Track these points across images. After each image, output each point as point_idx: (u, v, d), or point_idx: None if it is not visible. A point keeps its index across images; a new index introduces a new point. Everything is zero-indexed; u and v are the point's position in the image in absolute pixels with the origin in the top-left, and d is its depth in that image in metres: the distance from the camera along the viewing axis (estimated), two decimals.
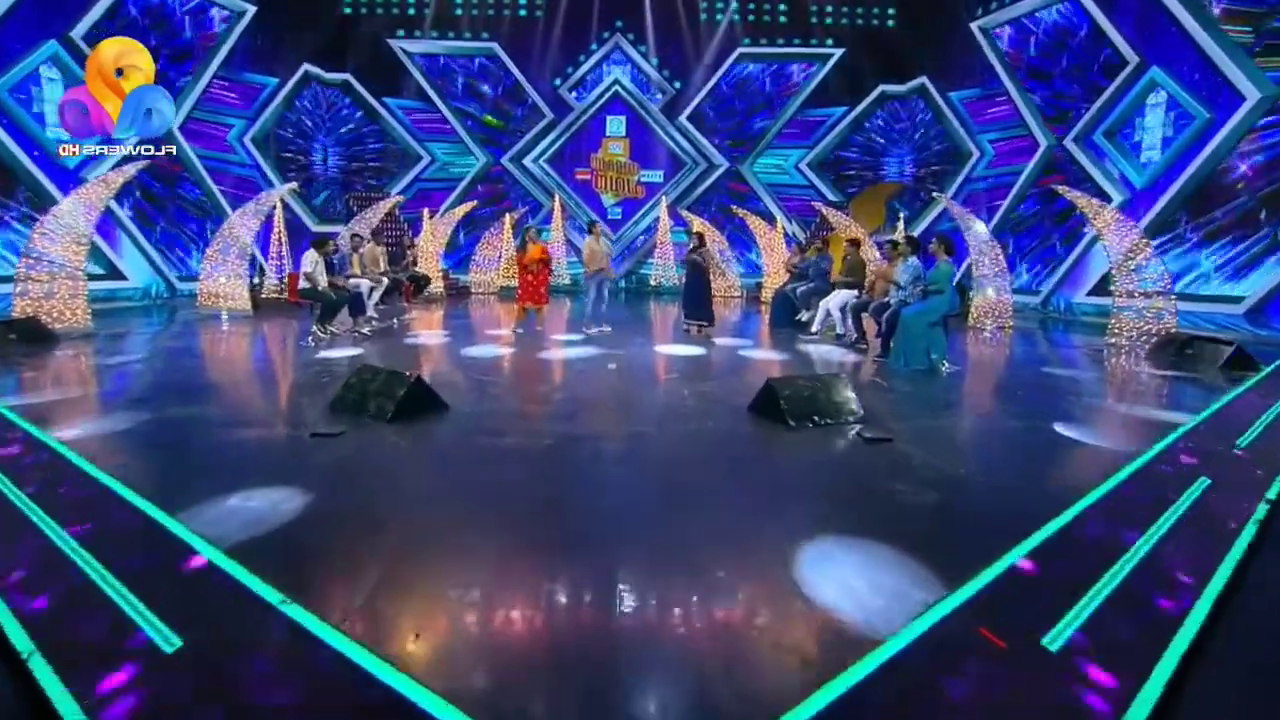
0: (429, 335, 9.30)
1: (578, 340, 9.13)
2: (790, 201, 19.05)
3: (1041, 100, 14.28)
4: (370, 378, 5.06)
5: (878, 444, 4.44)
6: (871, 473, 3.96)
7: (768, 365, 7.55)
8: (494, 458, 4.12)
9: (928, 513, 3.38)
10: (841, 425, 4.86)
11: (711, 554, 2.84)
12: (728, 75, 18.92)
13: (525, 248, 9.36)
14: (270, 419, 4.85)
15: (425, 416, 4.89)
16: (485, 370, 6.87)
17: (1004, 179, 14.89)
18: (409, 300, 11.19)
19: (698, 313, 9.95)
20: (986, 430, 4.96)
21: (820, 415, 4.92)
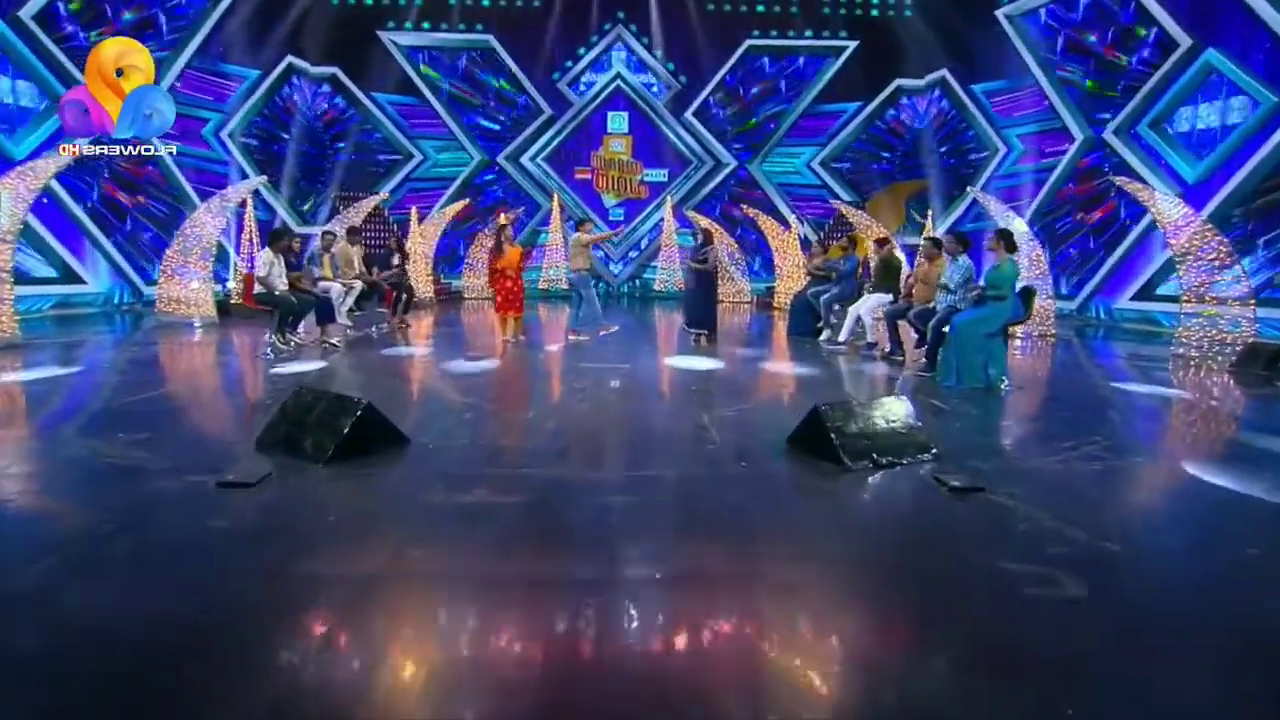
0: (408, 347, 8.21)
1: (575, 351, 8.04)
2: (802, 202, 17.99)
3: (1077, 90, 13.20)
4: (309, 405, 3.97)
5: (967, 495, 3.34)
6: (969, 541, 2.87)
7: (795, 382, 6.45)
8: (456, 519, 3.03)
9: (1074, 617, 2.27)
10: (912, 466, 3.76)
11: (758, 698, 1.74)
12: (736, 69, 17.88)
13: (501, 249, 8.29)
14: (175, 459, 3.77)
15: (377, 455, 3.80)
16: (465, 390, 5.77)
17: (1035, 175, 13.79)
18: (390, 307, 10.10)
19: (701, 320, 8.86)
20: (1102, 475, 3.86)
21: (884, 453, 3.82)
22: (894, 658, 2.03)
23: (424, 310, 13.44)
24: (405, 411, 4.90)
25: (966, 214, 15.69)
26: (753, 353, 8.40)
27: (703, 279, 8.85)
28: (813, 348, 8.88)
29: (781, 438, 4.20)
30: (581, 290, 8.82)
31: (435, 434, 4.31)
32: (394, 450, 3.92)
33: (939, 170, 16.48)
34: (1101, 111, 12.85)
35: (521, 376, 6.62)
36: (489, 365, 6.97)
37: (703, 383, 6.34)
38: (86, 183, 11.73)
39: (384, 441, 3.95)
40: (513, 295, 8.46)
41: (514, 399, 5.74)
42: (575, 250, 8.75)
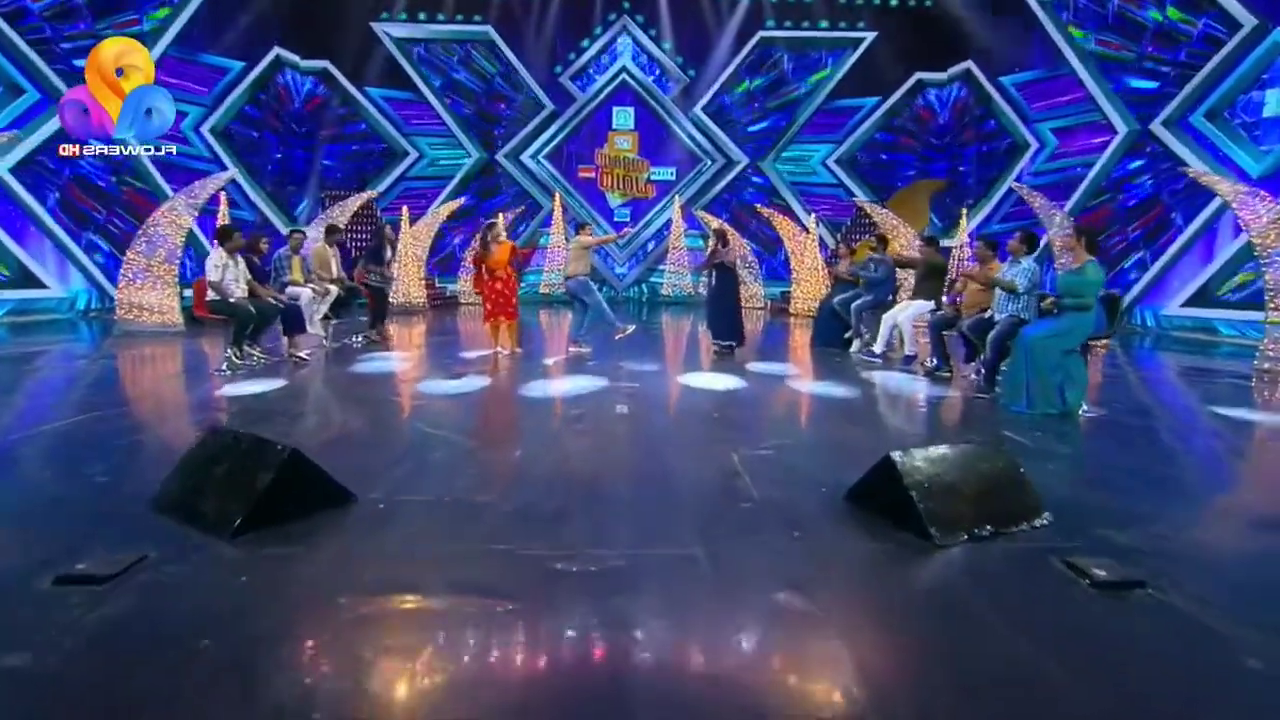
0: (386, 362, 7.23)
1: (576, 366, 7.05)
2: (816, 201, 17.00)
3: (1120, 80, 12.17)
4: (218, 452, 2.98)
5: (1123, 593, 2.35)
6: (1155, 682, 1.87)
7: (836, 407, 5.44)
8: (396, 648, 2.03)
9: None
10: (1024, 540, 2.77)
11: None
12: (748, 62, 16.90)
13: (489, 248, 7.32)
14: (20, 532, 2.79)
15: (306, 522, 2.82)
16: (440, 419, 4.78)
17: (1071, 172, 12.77)
18: (375, 313, 9.13)
19: (728, 330, 7.86)
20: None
21: (984, 519, 2.83)
22: None
23: (415, 316, 12.49)
24: (360, 450, 3.92)
25: (994, 213, 14.66)
26: (777, 368, 7.40)
27: (725, 283, 7.86)
28: (843, 361, 7.90)
29: (836, 489, 3.23)
30: (584, 297, 7.86)
31: (391, 485, 3.33)
32: (331, 514, 2.94)
33: (963, 168, 15.46)
34: (1148, 102, 11.81)
35: (511, 400, 5.63)
36: (474, 385, 5.98)
37: (724, 407, 5.34)
38: (49, 180, 10.80)
39: (318, 501, 2.97)
40: (503, 298, 7.49)
41: (499, 431, 4.75)
42: (574, 254, 7.79)
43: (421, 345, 8.97)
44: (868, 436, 4.46)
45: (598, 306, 7.81)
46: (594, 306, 7.83)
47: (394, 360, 7.30)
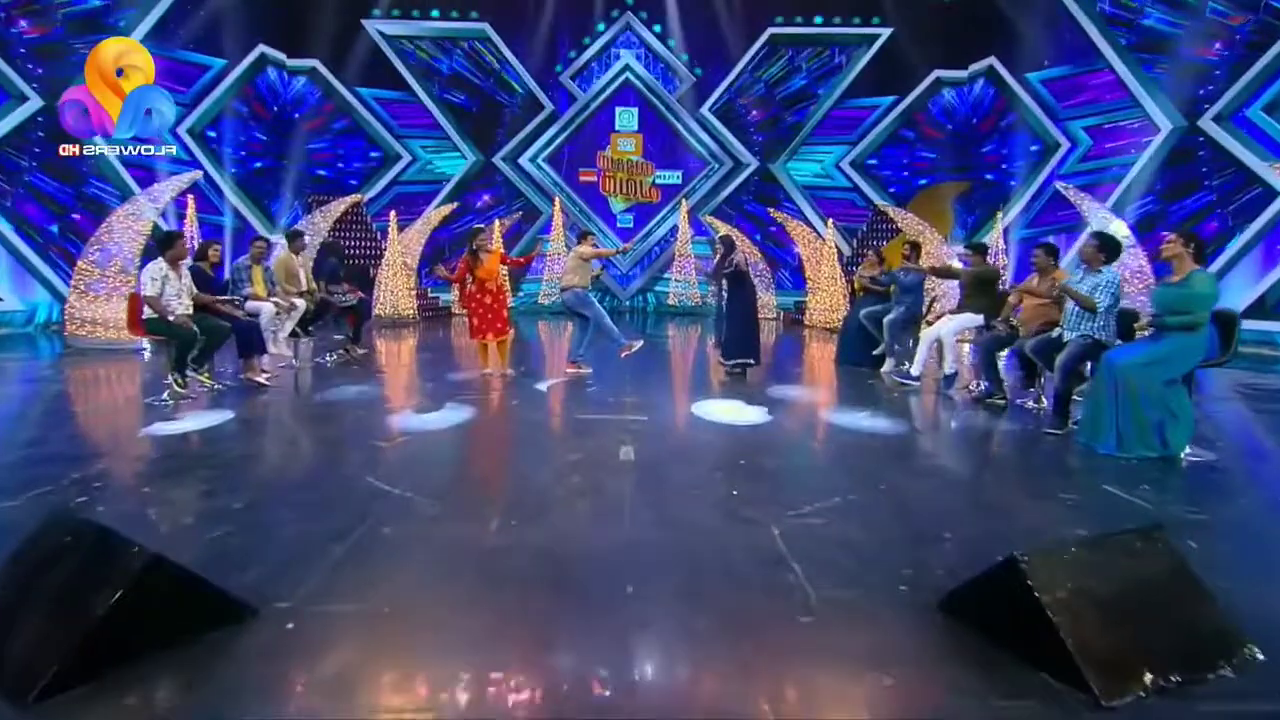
0: (357, 386, 6.33)
1: (574, 392, 6.15)
2: (830, 205, 16.14)
3: (1164, 72, 11.26)
4: (53, 555, 2.08)
5: None
6: None
7: (885, 447, 4.52)
8: None
9: None
10: (1233, 698, 1.85)
11: None
12: (757, 60, 16.08)
13: (477, 257, 6.45)
14: None
15: (179, 655, 1.92)
16: (399, 472, 3.86)
17: (1108, 173, 11.85)
18: (354, 328, 8.27)
19: (743, 347, 6.94)
20: None
21: (1165, 664, 1.91)
22: None
23: (404, 330, 11.61)
24: (287, 525, 3.01)
25: (1021, 218, 13.75)
26: (802, 393, 6.49)
27: (739, 295, 6.95)
28: (876, 383, 6.99)
29: (920, 587, 2.34)
30: (583, 311, 6.97)
31: (313, 586, 2.42)
32: (215, 639, 2.04)
33: (986, 170, 14.56)
34: (1196, 96, 10.88)
35: (493, 440, 4.73)
36: (453, 418, 5.08)
37: (751, 451, 4.43)
38: (4, 183, 9.96)
39: (195, 622, 2.06)
40: (493, 313, 6.62)
41: (472, 489, 3.82)
42: (573, 264, 6.93)
43: (403, 365, 8.07)
44: (937, 494, 3.55)
45: (599, 321, 6.92)
46: (594, 321, 6.94)
47: (367, 384, 6.40)
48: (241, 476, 3.62)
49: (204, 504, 3.18)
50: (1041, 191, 13.26)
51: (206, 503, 3.19)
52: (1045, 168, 13.27)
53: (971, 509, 3.30)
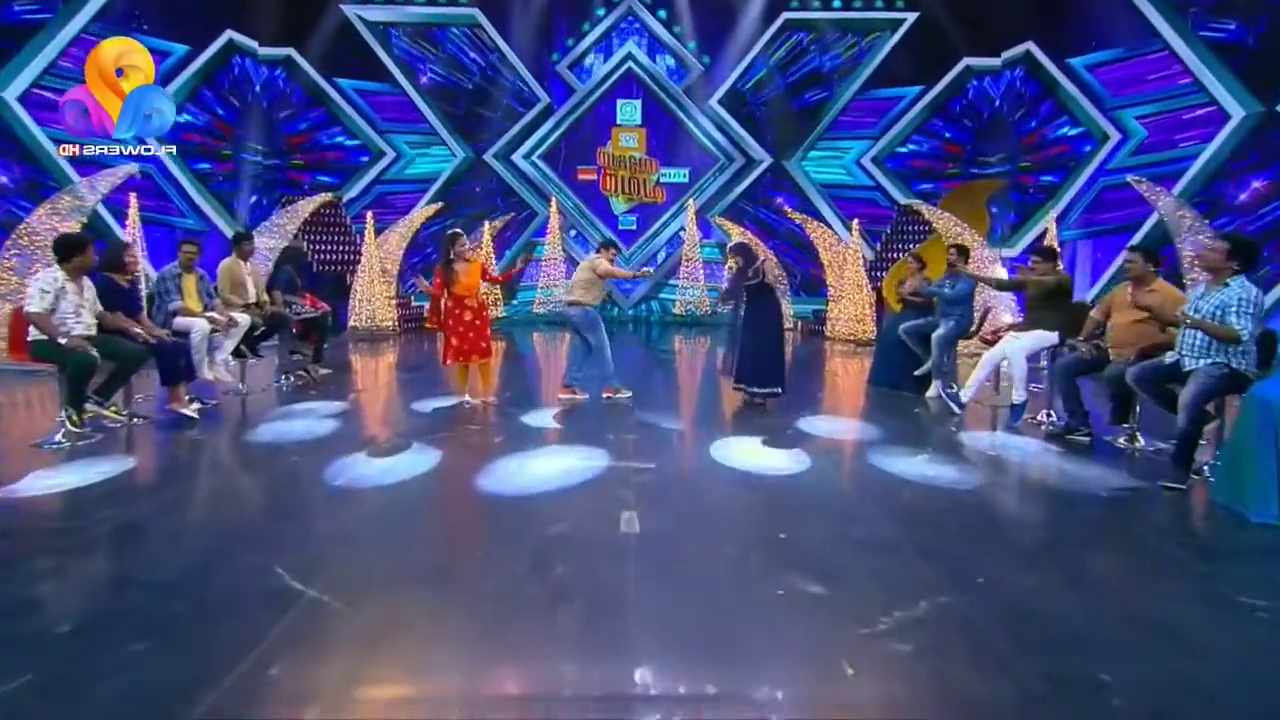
0: (307, 419, 5.45)
1: (568, 425, 5.27)
2: (849, 205, 15.27)
3: (1234, 54, 10.35)
4: None
5: None
6: None
7: (963, 510, 3.61)
8: None
9: None
10: None
11: None
12: (771, 47, 15.25)
13: (452, 268, 5.61)
14: None
15: None
16: (319, 561, 2.97)
17: (1167, 167, 10.93)
18: (315, 345, 7.41)
19: (768, 375, 6.02)
20: None
21: None
22: None
23: (382, 344, 10.74)
24: (125, 664, 2.11)
25: (1063, 219, 12.84)
26: (841, 426, 5.59)
27: (763, 312, 6.05)
28: (922, 411, 6.11)
29: None
30: (588, 334, 6.14)
31: None
32: None
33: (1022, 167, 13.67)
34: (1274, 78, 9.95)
35: (457, 504, 3.84)
36: (415, 466, 4.19)
37: (792, 515, 3.53)
38: None
39: None
40: (475, 333, 5.78)
41: (415, 591, 2.90)
42: (584, 279, 6.12)
43: (371, 389, 7.19)
44: (1061, 594, 2.64)
45: (600, 351, 6.10)
46: (596, 349, 6.12)
47: (320, 415, 5.51)
48: (94, 569, 2.74)
49: (11, 625, 2.28)
50: (1087, 189, 12.36)
51: (16, 623, 2.30)
52: (1092, 162, 12.35)
53: (1122, 624, 2.40)
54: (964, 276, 6.74)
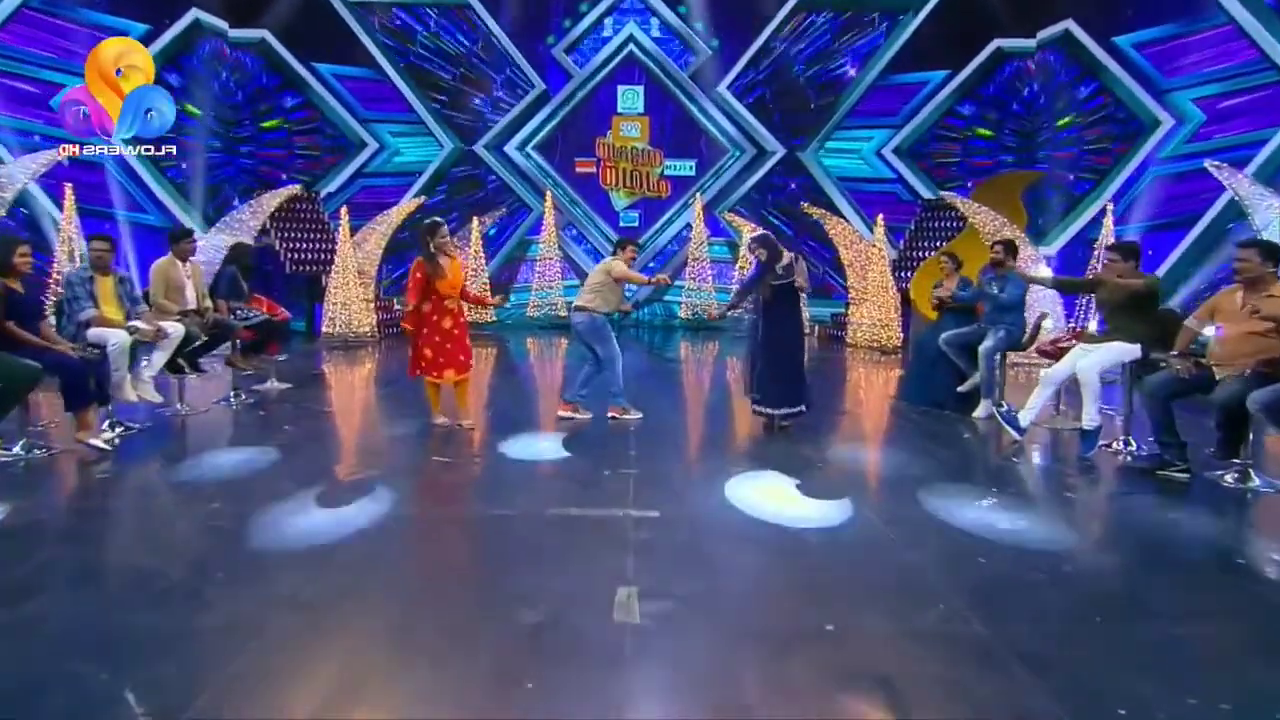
0: (249, 449, 4.74)
1: (560, 460, 4.55)
2: (868, 200, 14.59)
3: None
4: None
5: None
6: None
7: (1055, 580, 2.86)
8: None
9: None
10: None
11: None
12: (784, 29, 14.56)
13: (436, 262, 4.94)
14: None
15: None
16: (211, 652, 2.25)
17: (1230, 154, 10.13)
18: (274, 354, 6.75)
19: (792, 392, 5.30)
20: None
21: None
22: None
23: (359, 352, 10.04)
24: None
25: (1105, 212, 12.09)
26: (880, 458, 4.85)
27: (788, 316, 5.34)
28: (972, 436, 5.40)
29: None
30: (595, 345, 5.51)
31: None
32: None
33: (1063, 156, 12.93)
34: None
35: (409, 576, 3.12)
36: (358, 518, 3.48)
37: (839, 588, 2.82)
38: None
39: None
40: (454, 342, 5.10)
41: (318, 705, 2.19)
42: (598, 282, 5.50)
43: (331, 410, 6.47)
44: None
45: (610, 365, 5.48)
46: (606, 363, 5.50)
47: (265, 444, 4.80)
48: None
49: None
50: (1135, 179, 11.60)
51: None
52: (1140, 150, 11.60)
53: None
54: (1014, 277, 6.03)
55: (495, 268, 14.52)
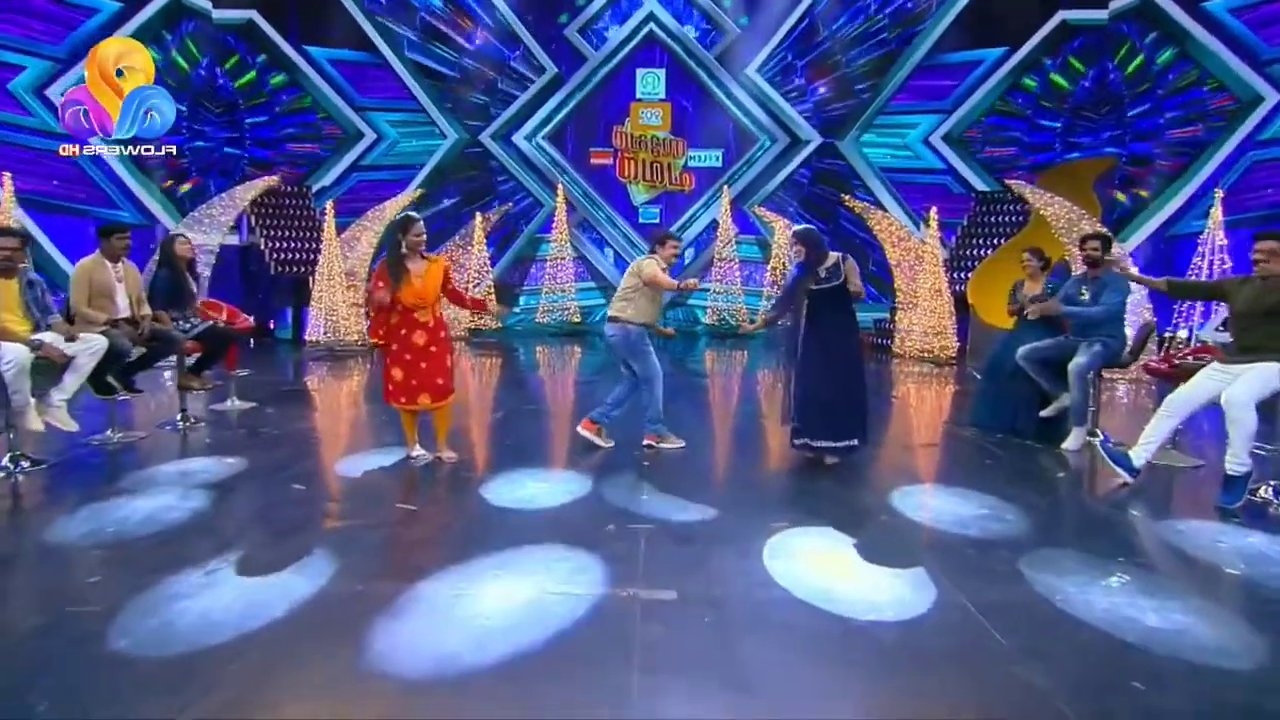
0: (173, 490, 4.04)
1: (559, 502, 3.79)
2: (915, 193, 13.75)
3: None
4: None
5: None
6: None
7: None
8: None
9: None
10: None
11: None
12: (821, 4, 13.80)
13: (401, 267, 4.25)
14: None
15: None
16: None
17: None
18: (231, 369, 6.11)
19: (843, 422, 4.52)
20: None
21: None
22: None
23: (346, 365, 9.38)
24: None
25: (1192, 203, 11.12)
26: (958, 507, 3.99)
27: (837, 326, 4.59)
28: (1065, 475, 4.58)
29: None
30: (634, 363, 4.95)
31: None
32: None
33: (1142, 140, 11.97)
34: None
35: (325, 661, 2.38)
36: (282, 596, 2.75)
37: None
38: None
39: None
40: (430, 362, 4.44)
41: None
42: (627, 288, 4.96)
43: (293, 434, 5.75)
44: None
45: (649, 385, 4.92)
46: (644, 382, 4.95)
47: (193, 483, 4.09)
48: None
49: None
50: (1229, 165, 10.62)
51: None
52: (1237, 132, 10.62)
53: None
54: (1114, 280, 5.17)
55: (502, 269, 13.89)
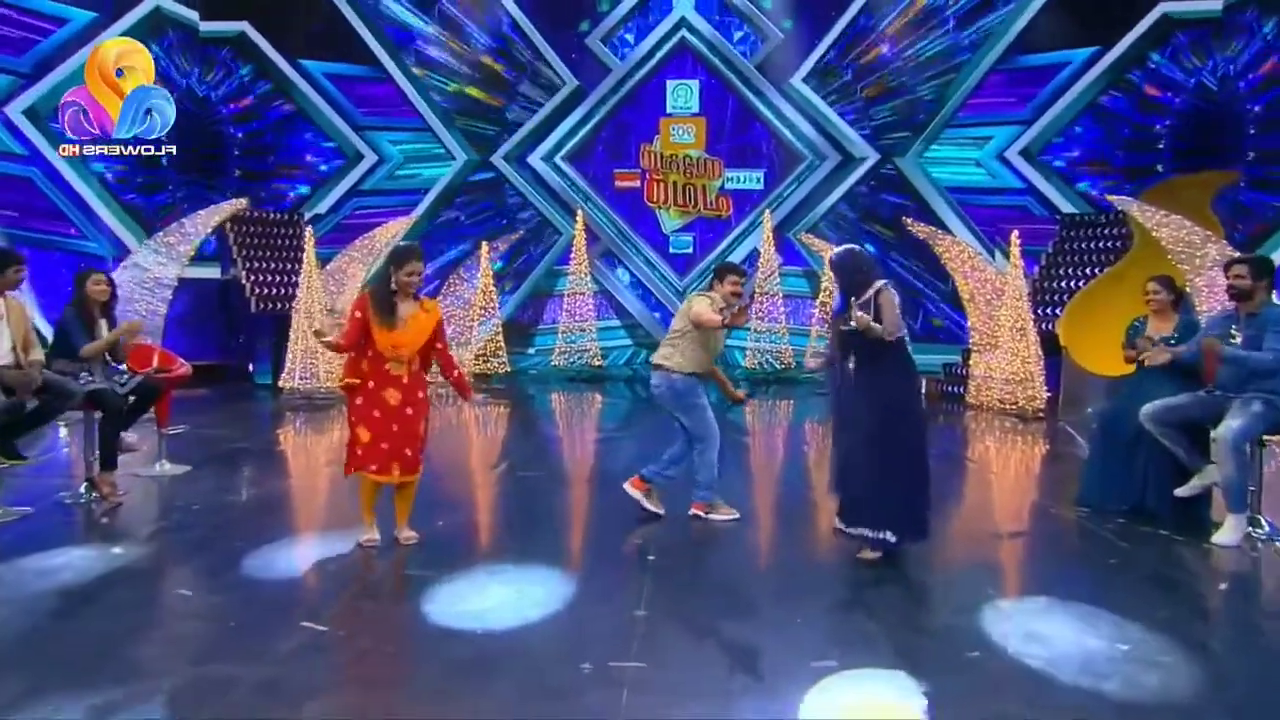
0: (22, 601, 3.39)
1: (506, 629, 3.01)
2: (986, 216, 13.02)
3: None
4: None
5: None
6: None
7: None
8: None
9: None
10: None
11: None
12: (875, 4, 13.29)
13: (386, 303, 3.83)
14: None
15: None
16: None
17: None
18: (162, 427, 5.50)
19: (900, 507, 3.75)
20: None
21: None
22: None
23: (322, 415, 8.77)
24: None
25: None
26: (1078, 639, 3.08)
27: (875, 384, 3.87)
28: (1228, 587, 3.66)
29: None
30: (682, 417, 4.66)
31: None
32: None
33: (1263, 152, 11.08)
34: None
35: None
36: None
37: None
38: None
39: None
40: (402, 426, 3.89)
41: None
42: (680, 330, 4.66)
43: (223, 511, 5.04)
44: None
45: (703, 446, 4.59)
46: (695, 441, 4.61)
47: (41, 589, 3.40)
48: None
49: None
50: None
51: None
52: None
53: None
54: (1277, 316, 4.28)
55: (514, 307, 13.40)
